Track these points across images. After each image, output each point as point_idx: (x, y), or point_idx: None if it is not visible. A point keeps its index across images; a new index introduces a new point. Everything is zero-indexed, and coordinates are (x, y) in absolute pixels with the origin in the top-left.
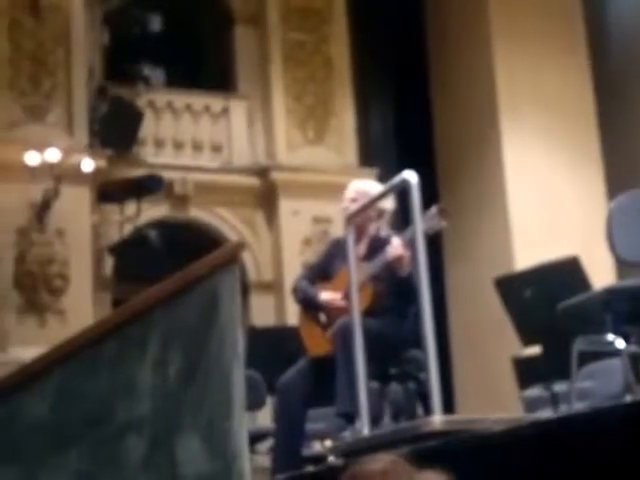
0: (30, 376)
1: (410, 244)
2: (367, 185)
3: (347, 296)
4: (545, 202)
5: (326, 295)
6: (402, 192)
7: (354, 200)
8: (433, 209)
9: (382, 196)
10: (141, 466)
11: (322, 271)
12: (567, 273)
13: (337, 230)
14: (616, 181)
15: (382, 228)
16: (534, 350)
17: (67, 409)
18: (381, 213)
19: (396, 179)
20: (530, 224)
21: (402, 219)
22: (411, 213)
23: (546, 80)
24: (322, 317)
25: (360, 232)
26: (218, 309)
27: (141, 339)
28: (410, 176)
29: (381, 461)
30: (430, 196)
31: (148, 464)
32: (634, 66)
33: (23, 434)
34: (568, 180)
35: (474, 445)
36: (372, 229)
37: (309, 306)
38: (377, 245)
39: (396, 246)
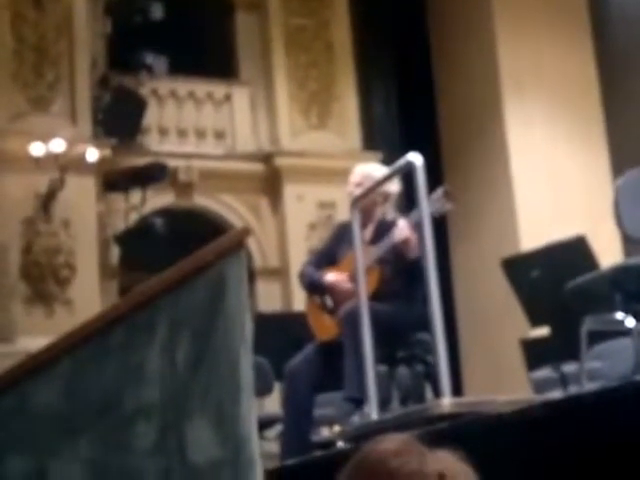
0: (39, 365)
1: (416, 226)
2: (372, 168)
3: (353, 279)
4: (550, 181)
5: (332, 276)
6: (407, 174)
7: (359, 184)
8: (439, 191)
9: (387, 179)
10: (151, 452)
11: (328, 256)
12: (574, 252)
13: (342, 215)
14: (621, 158)
15: (388, 211)
16: (542, 331)
17: (76, 397)
18: (387, 196)
19: (401, 161)
20: (535, 203)
21: (408, 202)
22: (416, 195)
23: (549, 58)
24: (328, 301)
25: (366, 216)
26: (225, 295)
27: (148, 326)
28: (415, 158)
29: (394, 440)
30: (435, 177)
31: (158, 450)
32: (637, 42)
33: (33, 423)
34: (572, 158)
35: (483, 427)
36: (378, 213)
37: (315, 290)
38: (383, 229)
39: (402, 228)
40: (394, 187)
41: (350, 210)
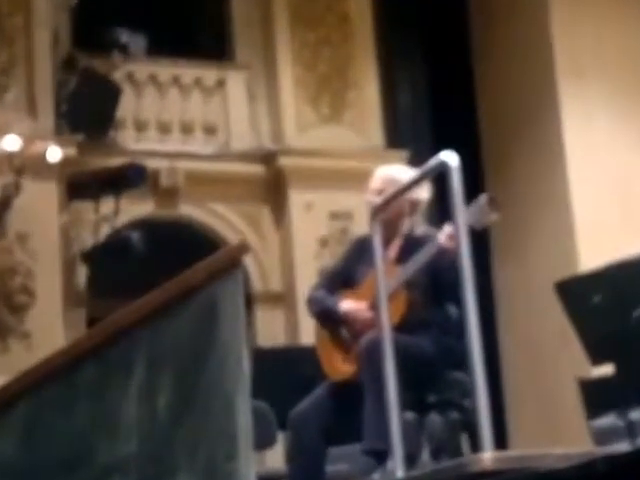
0: None
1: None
2: (396, 171)
3: (375, 306)
4: (616, 187)
5: (348, 304)
6: (439, 178)
7: (380, 191)
8: (482, 199)
9: (415, 183)
10: None
11: (343, 278)
12: None
13: (360, 228)
14: None
15: (417, 224)
16: (605, 369)
17: (37, 448)
18: (415, 205)
19: (432, 162)
20: (597, 214)
21: (441, 212)
22: (451, 204)
23: (612, 37)
24: (344, 333)
25: (390, 230)
26: (217, 326)
27: (124, 364)
28: (449, 157)
29: None
30: (473, 183)
31: None
32: None
33: None
34: None
35: None
36: (405, 226)
37: (327, 320)
38: (411, 245)
39: (448, 233)
40: (424, 194)
41: (370, 222)
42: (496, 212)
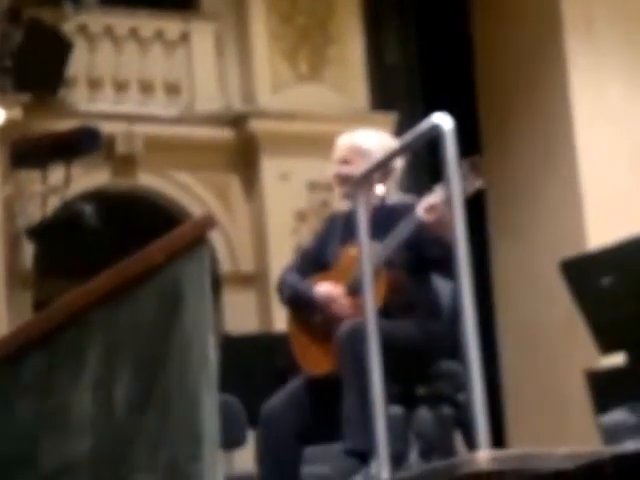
0: None
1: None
2: (361, 137)
3: (352, 290)
4: (630, 154)
5: (324, 288)
6: (431, 143)
7: (345, 160)
8: (463, 164)
9: (405, 149)
10: None
11: (318, 258)
12: None
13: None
14: None
15: (390, 193)
16: (616, 359)
17: None
18: (387, 172)
19: (423, 125)
20: (608, 185)
21: (431, 180)
22: (444, 170)
23: None
24: (319, 320)
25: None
26: (181, 311)
27: (76, 353)
28: (443, 120)
29: None
30: (469, 150)
31: None
32: None
33: None
34: None
35: None
36: (376, 196)
37: (301, 306)
38: (385, 217)
39: (432, 199)
40: (397, 160)
41: (338, 197)
42: (481, 178)
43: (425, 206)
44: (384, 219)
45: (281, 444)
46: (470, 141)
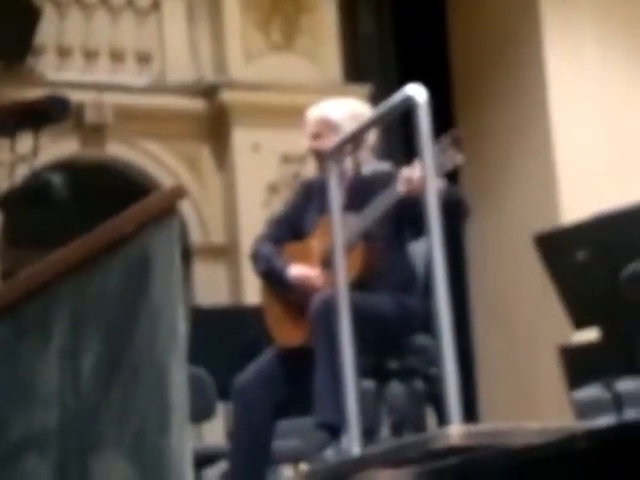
0: None
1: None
2: (329, 109)
3: (327, 264)
4: (605, 126)
5: (298, 270)
6: (405, 115)
7: (317, 135)
8: (444, 139)
9: (379, 121)
10: None
11: (291, 227)
12: (637, 226)
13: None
14: None
15: (365, 162)
16: (590, 335)
17: None
18: (360, 144)
19: (397, 97)
20: (583, 158)
21: (406, 153)
22: (418, 142)
23: None
24: (293, 295)
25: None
26: (149, 282)
27: (42, 324)
28: (416, 92)
29: None
30: (443, 121)
31: None
32: None
33: None
34: (637, 94)
35: (507, 465)
36: (349, 167)
37: (274, 283)
38: (361, 187)
39: (404, 177)
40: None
41: (315, 171)
42: (461, 153)
43: (404, 178)
44: (360, 189)
45: (253, 418)
46: (444, 113)
